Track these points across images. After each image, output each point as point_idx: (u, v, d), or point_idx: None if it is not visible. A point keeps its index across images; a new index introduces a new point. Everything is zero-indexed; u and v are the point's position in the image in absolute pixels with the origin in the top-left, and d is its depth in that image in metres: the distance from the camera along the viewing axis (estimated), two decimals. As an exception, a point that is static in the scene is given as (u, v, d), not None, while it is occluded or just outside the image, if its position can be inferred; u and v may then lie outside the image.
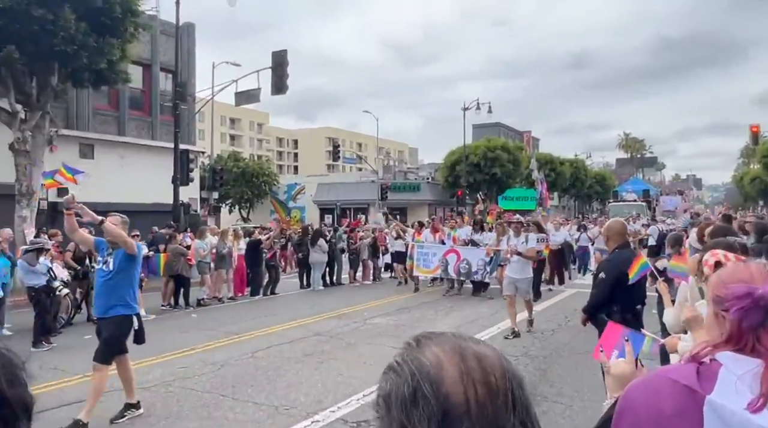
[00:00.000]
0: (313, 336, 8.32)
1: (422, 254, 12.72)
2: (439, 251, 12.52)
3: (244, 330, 8.81)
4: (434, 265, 12.57)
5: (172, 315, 10.48)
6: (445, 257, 12.36)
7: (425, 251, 12.73)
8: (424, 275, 13.34)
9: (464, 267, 12.13)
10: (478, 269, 11.96)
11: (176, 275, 10.89)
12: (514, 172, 40.40)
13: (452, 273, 12.31)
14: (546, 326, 8.75)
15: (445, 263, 12.34)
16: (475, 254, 12.04)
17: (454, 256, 12.31)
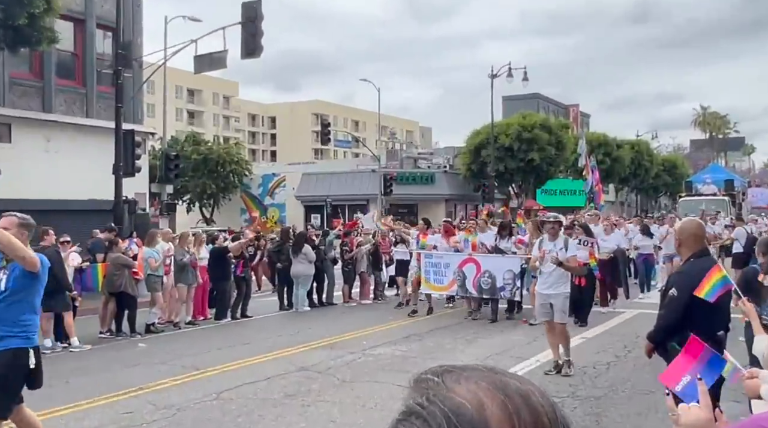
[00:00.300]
0: (297, 371, 8.35)
1: (432, 265, 12.64)
2: (454, 260, 12.43)
3: (206, 364, 8.84)
4: (449, 279, 12.47)
5: (114, 345, 10.54)
6: (462, 268, 12.26)
7: (435, 260, 12.62)
8: (435, 294, 13.26)
9: (486, 282, 12.01)
10: (506, 283, 11.86)
11: (119, 293, 10.94)
12: (556, 158, 40.40)
13: (471, 290, 12.21)
14: (598, 358, 8.76)
15: (462, 277, 12.25)
16: (501, 263, 11.98)
17: (473, 267, 12.17)
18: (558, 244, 7.98)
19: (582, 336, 10.25)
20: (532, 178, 41.01)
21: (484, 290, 12.10)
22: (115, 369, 8.69)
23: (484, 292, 12.14)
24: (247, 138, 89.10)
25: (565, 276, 7.99)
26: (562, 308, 7.92)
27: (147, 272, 11.52)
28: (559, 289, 7.92)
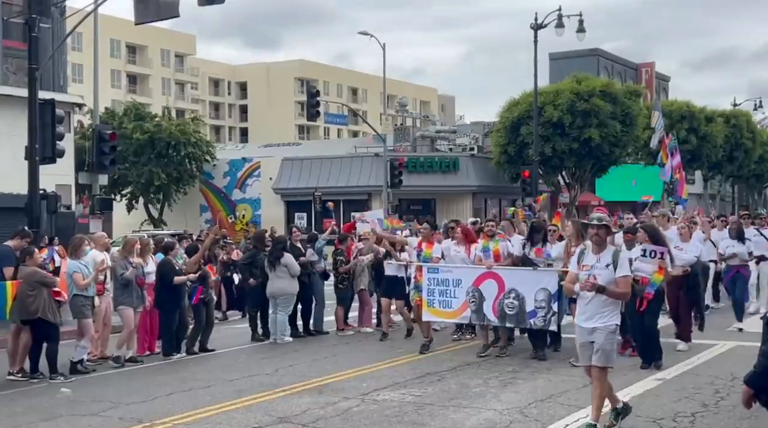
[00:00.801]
0: (276, 423, 8.32)
1: (437, 283, 12.36)
2: (467, 275, 12.15)
3: (153, 415, 8.81)
4: (459, 302, 12.16)
5: (29, 391, 10.48)
6: (478, 286, 11.96)
7: (442, 276, 12.33)
8: (441, 320, 13.03)
9: (512, 305, 11.69)
10: (538, 307, 11.53)
11: (35, 320, 10.92)
12: (623, 136, 40.33)
13: (491, 316, 11.90)
14: (681, 407, 8.71)
15: (479, 298, 11.94)
16: (533, 279, 11.64)
17: (493, 285, 11.85)
18: (604, 259, 7.53)
19: (658, 377, 10.21)
20: (591, 163, 40.95)
21: (509, 317, 11.75)
22: (26, 424, 8.65)
23: (508, 319, 11.78)
24: (208, 111, 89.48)
25: (612, 303, 7.56)
26: (606, 346, 7.49)
27: (72, 291, 11.50)
28: (603, 321, 7.51)
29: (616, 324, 7.61)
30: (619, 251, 7.70)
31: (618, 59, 66.67)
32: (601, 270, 7.46)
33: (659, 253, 10.62)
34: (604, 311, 7.51)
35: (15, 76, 19.49)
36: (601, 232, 7.61)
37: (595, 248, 7.60)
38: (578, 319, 7.75)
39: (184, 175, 44.66)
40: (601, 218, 7.74)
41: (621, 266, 7.50)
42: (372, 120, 53.50)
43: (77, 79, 64.78)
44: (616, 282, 7.43)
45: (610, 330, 7.50)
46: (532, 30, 33.33)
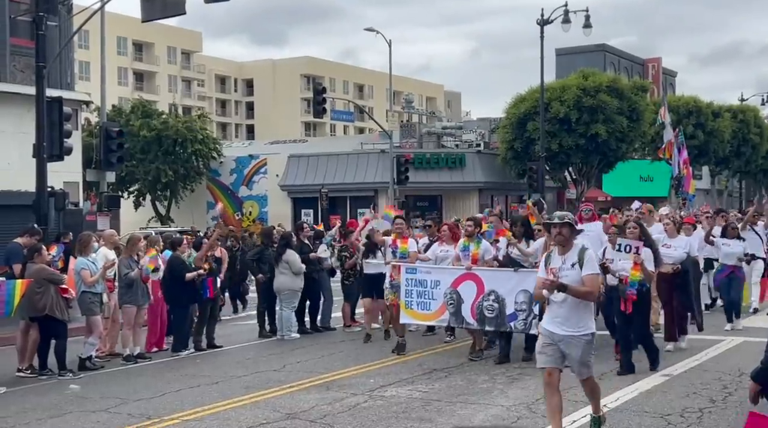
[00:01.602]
0: (283, 419, 8.34)
1: (415, 284, 11.84)
2: (445, 277, 11.65)
3: (161, 412, 8.84)
4: (438, 304, 11.68)
5: (38, 388, 10.52)
6: (456, 288, 11.49)
7: (421, 276, 11.84)
8: (418, 322, 12.63)
9: (491, 308, 11.19)
10: (518, 309, 11.00)
11: (43, 317, 10.97)
12: (630, 132, 40.26)
13: (470, 319, 11.42)
14: (688, 403, 8.69)
15: (457, 300, 11.48)
16: (514, 281, 11.06)
17: (472, 286, 11.36)
18: (570, 259, 6.96)
19: (665, 373, 10.19)
20: (598, 159, 40.88)
21: (488, 320, 11.20)
22: (35, 420, 8.68)
23: (487, 322, 11.24)
24: (215, 108, 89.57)
25: (585, 308, 6.97)
26: (584, 358, 6.96)
27: (81, 288, 11.55)
28: (576, 328, 6.90)
29: (591, 332, 6.95)
30: (585, 249, 7.02)
31: (624, 55, 66.50)
32: (567, 271, 6.92)
33: (634, 247, 10.14)
34: (576, 316, 6.91)
35: (22, 74, 19.55)
36: (564, 231, 7.02)
37: (560, 248, 7.05)
38: (544, 323, 7.10)
39: (191, 172, 44.75)
40: (562, 216, 7.15)
41: (587, 264, 6.92)
42: (378, 117, 53.48)
43: (84, 77, 64.91)
44: (582, 281, 6.87)
45: (586, 341, 6.90)
46: (538, 26, 33.27)
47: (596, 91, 38.90)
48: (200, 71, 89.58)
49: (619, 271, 10.24)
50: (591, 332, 6.96)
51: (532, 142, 38.61)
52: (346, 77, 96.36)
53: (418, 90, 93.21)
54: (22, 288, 11.03)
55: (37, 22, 16.31)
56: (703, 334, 12.74)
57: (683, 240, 12.29)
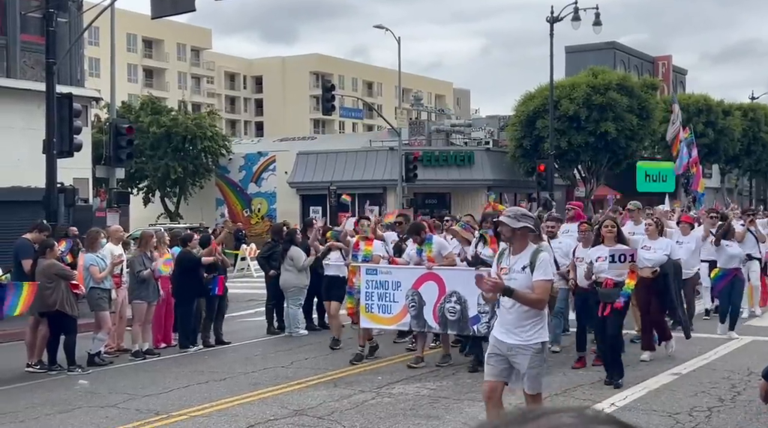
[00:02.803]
0: (290, 416, 8.37)
1: (376, 285, 11.02)
2: (406, 277, 10.87)
3: (170, 407, 8.88)
4: (399, 307, 10.88)
5: (47, 383, 10.58)
6: (418, 289, 10.78)
7: (381, 278, 11.02)
8: (379, 327, 11.71)
9: (453, 309, 10.51)
10: (481, 312, 10.29)
11: (54, 312, 11.01)
12: (639, 130, 40.13)
13: (431, 322, 10.69)
14: (696, 401, 8.68)
15: (419, 303, 10.75)
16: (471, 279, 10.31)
17: (434, 287, 10.66)
18: (521, 260, 6.32)
19: (674, 372, 10.17)
20: (607, 158, 40.76)
21: (450, 323, 10.48)
22: (44, 415, 8.74)
23: (449, 325, 10.52)
24: (224, 105, 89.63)
25: (536, 315, 6.32)
26: (532, 370, 6.27)
27: (90, 284, 11.59)
28: (525, 337, 6.27)
29: (542, 341, 6.34)
30: (539, 251, 6.43)
31: (635, 52, 66.25)
32: (516, 274, 6.30)
33: (629, 256, 9.41)
34: (526, 324, 6.28)
35: (33, 71, 19.62)
36: (503, 230, 6.43)
37: (513, 247, 6.44)
38: (495, 329, 6.56)
39: (200, 169, 44.80)
40: (516, 213, 6.56)
41: (539, 268, 6.25)
42: (387, 114, 53.44)
43: (94, 74, 65.10)
44: (531, 287, 6.25)
45: (535, 351, 6.26)
46: (548, 23, 33.18)
47: (606, 89, 38.80)
48: (210, 68, 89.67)
49: (597, 273, 9.57)
50: (542, 341, 6.33)
51: (542, 139, 38.53)
52: (355, 75, 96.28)
53: (427, 87, 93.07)
54: (28, 292, 10.97)
55: (48, 19, 16.37)
56: (712, 333, 12.70)
57: (664, 242, 11.48)
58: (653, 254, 11.15)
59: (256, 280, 22.52)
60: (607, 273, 9.45)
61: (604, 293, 9.54)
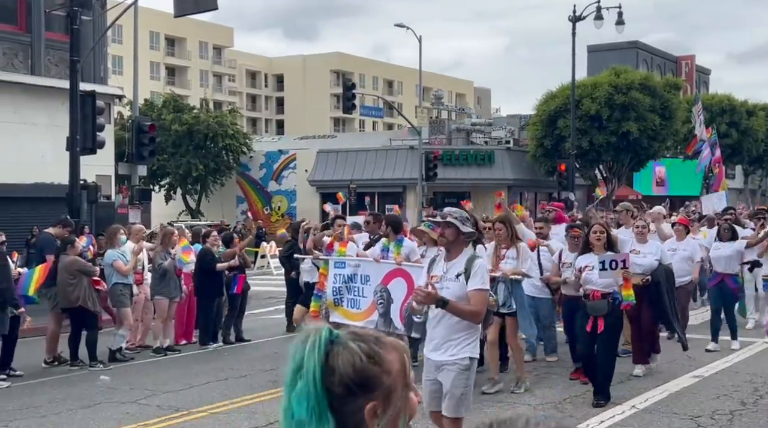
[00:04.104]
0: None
1: (344, 279, 10.37)
2: (376, 272, 10.18)
3: (190, 404, 8.92)
4: (368, 303, 10.17)
5: (69, 378, 10.67)
6: (387, 285, 10.08)
7: (350, 271, 10.36)
8: (348, 322, 10.35)
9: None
10: None
11: (76, 308, 11.08)
12: (662, 130, 39.81)
13: (397, 322, 9.88)
14: (718, 405, 8.60)
15: (387, 300, 10.06)
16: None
17: (402, 285, 9.85)
18: (455, 267, 5.67)
19: (695, 375, 10.09)
20: (629, 157, 40.47)
21: (415, 325, 9.35)
22: (66, 410, 8.80)
23: (414, 328, 9.36)
24: (245, 103, 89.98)
25: (467, 328, 5.65)
26: (456, 389, 5.56)
27: (113, 280, 11.66)
28: (453, 352, 5.60)
29: (471, 357, 5.64)
30: (475, 258, 5.71)
31: (657, 52, 65.80)
32: (449, 282, 5.64)
33: (620, 262, 8.44)
34: (456, 338, 5.61)
35: (57, 68, 19.76)
36: (448, 232, 5.69)
37: (446, 254, 5.78)
38: (425, 349, 5.87)
39: (221, 166, 44.94)
40: (444, 214, 5.81)
41: (475, 276, 5.57)
42: (407, 113, 53.38)
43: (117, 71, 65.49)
44: (467, 297, 5.58)
45: (461, 368, 5.58)
46: (570, 22, 32.99)
47: (628, 89, 38.52)
48: (231, 66, 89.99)
49: (585, 284, 8.68)
50: (469, 356, 5.59)
51: (563, 139, 38.33)
52: (376, 73, 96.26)
53: (447, 86, 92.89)
54: (40, 274, 11.19)
55: (72, 17, 16.50)
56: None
57: (654, 246, 10.58)
58: (642, 259, 10.19)
59: (275, 278, 22.57)
60: (594, 284, 8.54)
61: (592, 306, 8.59)
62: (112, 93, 21.75)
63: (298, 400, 1.70)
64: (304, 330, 1.78)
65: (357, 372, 1.69)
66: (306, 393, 1.69)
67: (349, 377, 1.68)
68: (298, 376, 1.70)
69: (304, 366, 1.69)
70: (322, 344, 1.72)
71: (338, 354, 1.71)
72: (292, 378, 1.71)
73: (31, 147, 18.85)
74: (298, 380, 1.69)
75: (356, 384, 1.68)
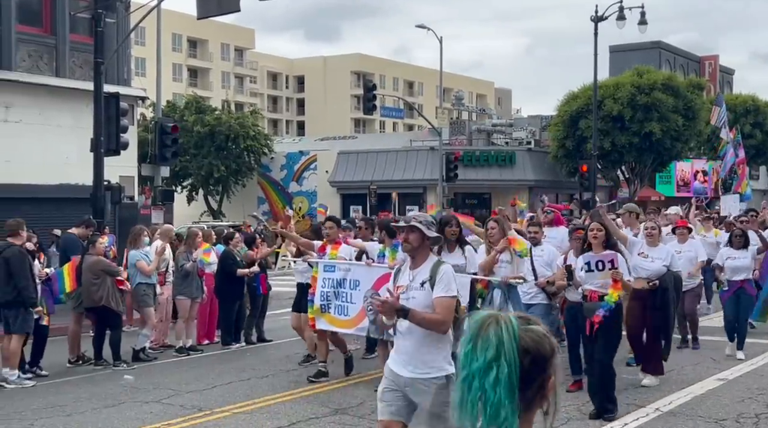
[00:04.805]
0: (332, 414, 8.41)
1: (333, 284, 9.82)
2: (366, 276, 9.65)
3: (213, 404, 8.97)
4: (357, 309, 9.61)
5: (93, 377, 10.74)
6: (378, 290, 9.19)
7: (339, 275, 9.80)
8: (335, 330, 10.13)
9: None
10: None
11: (100, 308, 11.16)
12: (685, 130, 39.48)
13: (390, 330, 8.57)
14: (743, 408, 8.52)
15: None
16: None
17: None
18: (420, 275, 5.25)
19: (720, 378, 9.99)
20: (651, 158, 40.19)
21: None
22: (91, 409, 8.86)
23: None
24: (266, 104, 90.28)
25: (437, 341, 5.14)
26: (435, 408, 5.01)
27: (136, 280, 11.74)
28: (425, 369, 5.10)
29: (447, 374, 5.07)
30: (440, 264, 5.28)
31: (680, 52, 65.27)
32: (415, 291, 5.21)
33: (607, 262, 8.12)
34: (425, 352, 5.11)
35: (81, 70, 19.92)
36: (412, 237, 5.22)
37: (411, 261, 5.37)
38: (390, 360, 5.37)
39: (243, 167, 45.12)
40: (408, 219, 5.36)
41: (440, 282, 5.14)
42: (428, 113, 53.32)
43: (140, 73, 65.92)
44: (432, 305, 5.14)
45: (438, 386, 5.04)
46: (592, 23, 32.79)
47: (651, 89, 38.27)
48: (253, 68, 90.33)
49: (585, 285, 8.40)
50: (446, 374, 5.09)
51: (584, 140, 38.14)
52: (396, 74, 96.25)
53: (468, 87, 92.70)
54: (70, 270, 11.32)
55: (96, 19, 16.62)
56: (759, 338, 12.44)
57: (664, 251, 9.95)
58: (651, 263, 9.64)
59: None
60: (589, 285, 8.26)
61: (588, 307, 8.27)
62: (135, 95, 21.89)
63: (499, 385, 1.83)
64: (478, 322, 1.93)
65: (542, 351, 1.90)
66: (507, 377, 1.83)
67: (539, 355, 1.89)
68: (497, 364, 1.84)
69: (503, 353, 1.84)
70: (516, 329, 1.88)
71: (526, 336, 1.89)
72: (486, 366, 1.84)
73: (55, 148, 19.02)
74: (495, 368, 1.83)
75: (541, 361, 1.89)
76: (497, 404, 1.82)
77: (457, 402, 1.88)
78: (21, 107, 18.99)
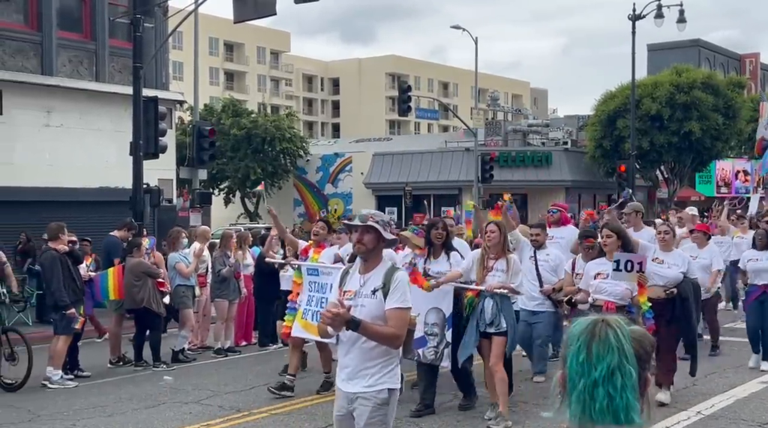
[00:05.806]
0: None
1: (315, 288, 9.30)
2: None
3: (251, 404, 9.03)
4: None
5: (134, 378, 10.88)
6: None
7: (322, 280, 9.23)
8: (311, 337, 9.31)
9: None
10: (429, 333, 8.45)
11: (141, 309, 11.29)
12: (725, 129, 38.91)
13: None
14: None
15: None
16: (423, 296, 8.09)
17: None
18: (372, 281, 4.74)
19: (763, 380, 9.83)
20: (691, 158, 39.66)
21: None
22: (131, 410, 8.98)
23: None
24: (302, 107, 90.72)
25: (385, 354, 4.70)
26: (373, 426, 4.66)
27: (176, 282, 11.86)
28: (369, 382, 4.68)
29: (389, 389, 4.68)
30: (395, 270, 4.80)
31: (720, 50, 64.29)
32: (365, 299, 4.71)
33: (636, 264, 7.67)
34: (371, 366, 4.67)
35: (120, 75, 20.19)
36: (367, 239, 4.72)
37: (362, 265, 4.84)
38: (337, 378, 4.92)
39: (279, 170, 45.41)
40: (364, 217, 4.76)
41: (394, 292, 4.64)
42: (463, 115, 53.18)
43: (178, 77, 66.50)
44: (384, 317, 4.64)
45: (378, 402, 4.63)
46: (630, 21, 32.46)
47: (690, 88, 37.78)
48: (288, 71, 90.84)
49: (595, 294, 7.92)
50: (389, 387, 4.67)
51: (622, 140, 37.77)
52: (431, 75, 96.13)
53: (503, 87, 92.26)
54: (115, 278, 11.46)
55: (135, 24, 16.83)
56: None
57: (680, 256, 9.25)
58: (667, 270, 8.88)
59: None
60: (606, 294, 7.81)
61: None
62: (173, 98, 22.12)
63: (626, 389, 1.92)
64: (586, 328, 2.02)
65: (647, 350, 2.00)
66: (631, 381, 1.92)
67: (645, 354, 1.99)
68: (621, 369, 1.92)
69: (626, 357, 1.92)
70: (628, 332, 1.97)
71: (635, 339, 1.98)
72: (608, 373, 1.92)
73: (96, 152, 19.28)
74: (619, 373, 1.92)
75: (646, 360, 1.99)
76: (626, 408, 1.91)
77: (578, 413, 1.96)
78: (62, 112, 19.30)
